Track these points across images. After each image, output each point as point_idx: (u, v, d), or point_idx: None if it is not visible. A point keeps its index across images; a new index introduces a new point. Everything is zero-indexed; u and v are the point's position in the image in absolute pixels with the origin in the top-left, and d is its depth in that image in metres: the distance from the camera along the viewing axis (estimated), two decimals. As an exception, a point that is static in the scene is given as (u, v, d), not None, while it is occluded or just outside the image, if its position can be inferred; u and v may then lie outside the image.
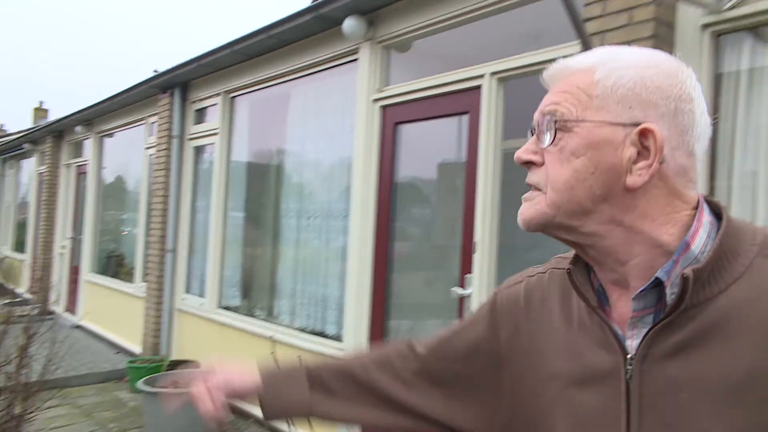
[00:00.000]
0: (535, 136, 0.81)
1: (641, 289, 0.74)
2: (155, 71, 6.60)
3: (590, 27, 2.71)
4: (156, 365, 5.67)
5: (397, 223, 4.03)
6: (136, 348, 6.76)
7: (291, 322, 4.93)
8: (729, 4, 2.47)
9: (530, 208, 0.79)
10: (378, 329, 4.02)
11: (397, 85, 4.00)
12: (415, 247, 4.15)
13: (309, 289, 4.79)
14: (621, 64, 0.75)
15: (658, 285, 0.73)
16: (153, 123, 6.94)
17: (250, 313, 5.49)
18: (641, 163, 0.73)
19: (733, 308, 0.70)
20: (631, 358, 0.75)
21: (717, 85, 2.58)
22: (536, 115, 0.81)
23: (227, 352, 5.49)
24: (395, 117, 4.00)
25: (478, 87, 3.44)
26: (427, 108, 3.81)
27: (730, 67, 2.60)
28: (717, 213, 0.78)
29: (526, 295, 0.92)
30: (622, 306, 0.78)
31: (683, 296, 0.70)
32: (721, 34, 2.57)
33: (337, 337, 4.37)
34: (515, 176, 3.60)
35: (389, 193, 4.01)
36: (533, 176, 0.80)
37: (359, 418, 1.04)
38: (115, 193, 8.83)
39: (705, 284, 0.71)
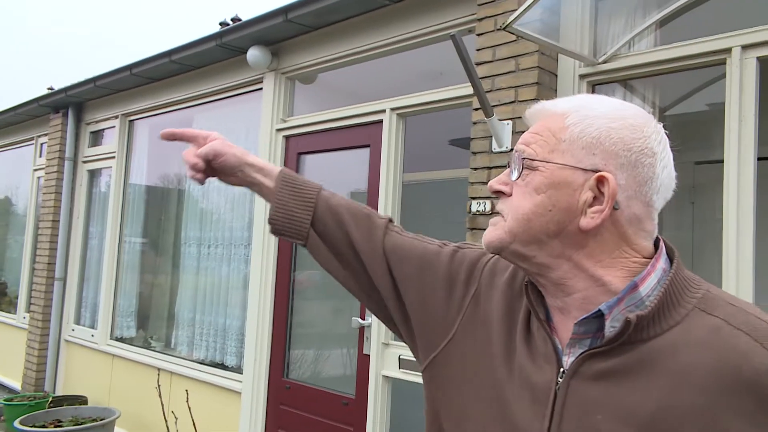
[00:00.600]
0: (508, 169, 0.88)
1: (584, 317, 0.80)
2: (50, 89, 6.27)
3: (482, 71, 2.88)
4: (38, 402, 5.27)
5: (300, 252, 4.04)
6: (17, 384, 6.27)
7: (189, 353, 4.77)
8: (602, 59, 2.72)
9: (492, 232, 0.87)
10: (279, 360, 3.98)
11: (301, 116, 4.04)
12: (317, 277, 4.17)
13: (209, 319, 4.67)
14: (591, 113, 0.82)
15: (600, 316, 0.79)
16: (43, 143, 6.56)
17: (145, 345, 5.26)
18: (595, 207, 0.80)
19: (661, 352, 0.76)
20: (563, 372, 0.81)
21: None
22: (515, 151, 0.88)
23: (119, 386, 5.22)
24: (298, 147, 4.04)
25: (380, 121, 3.55)
26: (329, 140, 3.88)
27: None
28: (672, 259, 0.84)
29: (512, 274, 0.96)
30: (563, 328, 0.85)
31: (622, 334, 0.77)
32: (596, 84, 2.82)
33: (238, 369, 4.28)
34: (414, 207, 3.71)
35: (292, 223, 4.01)
36: (500, 205, 0.87)
37: (334, 265, 1.10)
38: (-1, 216, 8.22)
39: (644, 327, 0.77)
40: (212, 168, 1.09)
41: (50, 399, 5.31)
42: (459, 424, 0.91)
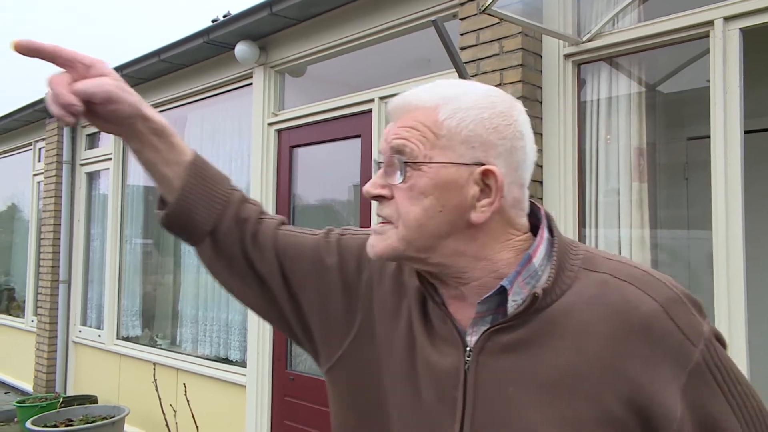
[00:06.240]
0: (382, 170, 0.83)
1: (487, 295, 0.80)
2: (47, 93, 6.28)
3: (466, 55, 2.87)
4: (49, 403, 5.34)
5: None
6: (29, 386, 6.35)
7: (194, 349, 4.81)
8: (586, 37, 2.69)
9: (381, 242, 0.83)
10: (282, 352, 4.01)
11: (292, 109, 4.04)
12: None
13: (211, 315, 4.70)
14: (463, 105, 0.80)
15: (501, 292, 0.80)
16: (41, 148, 6.59)
17: (151, 343, 5.30)
18: (484, 201, 0.79)
19: (560, 315, 0.78)
20: (470, 351, 0.81)
21: (580, 109, 2.80)
22: (382, 147, 0.83)
23: (128, 384, 5.28)
24: (291, 140, 4.04)
25: (369, 111, 3.54)
26: (321, 131, 3.87)
27: (592, 95, 2.84)
28: (549, 227, 0.85)
29: None
30: (460, 313, 0.85)
31: (530, 307, 0.78)
32: (582, 63, 2.80)
33: (242, 363, 4.31)
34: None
35: (288, 215, 4.03)
36: (385, 209, 0.83)
37: (225, 274, 0.99)
38: (4, 223, 8.28)
39: (542, 296, 0.78)
40: (93, 111, 0.82)
41: (61, 399, 5.38)
42: (377, 424, 0.88)
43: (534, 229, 0.86)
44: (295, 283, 0.97)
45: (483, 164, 0.79)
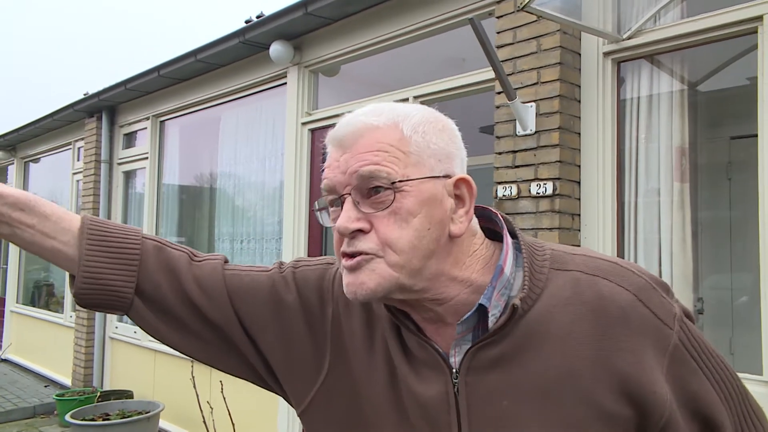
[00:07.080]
0: (350, 202, 0.76)
1: (467, 315, 0.78)
2: (85, 94, 6.43)
3: (503, 53, 2.83)
4: (87, 397, 5.46)
5: (330, 243, 4.06)
6: (67, 380, 6.51)
7: (227, 347, 4.86)
8: (626, 35, 2.64)
9: (371, 275, 0.75)
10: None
11: (325, 108, 4.05)
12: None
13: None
14: (418, 120, 0.78)
15: (478, 309, 0.79)
16: (80, 147, 6.75)
17: (185, 340, 5.38)
18: (460, 211, 0.78)
19: (538, 321, 0.77)
20: (457, 372, 0.79)
21: (620, 108, 2.74)
22: (339, 179, 0.77)
23: (162, 380, 5.36)
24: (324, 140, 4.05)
25: (403, 110, 3.52)
26: (355, 131, 3.87)
27: (632, 93, 2.77)
28: (510, 230, 0.84)
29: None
30: (437, 336, 0.82)
31: (510, 320, 0.77)
32: (621, 61, 2.74)
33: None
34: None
35: (321, 215, 4.04)
36: (363, 243, 0.75)
37: (165, 330, 0.91)
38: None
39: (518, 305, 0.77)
40: None
41: (98, 394, 5.49)
42: None
43: (488, 234, 0.85)
44: (253, 327, 0.90)
45: (450, 175, 0.79)
